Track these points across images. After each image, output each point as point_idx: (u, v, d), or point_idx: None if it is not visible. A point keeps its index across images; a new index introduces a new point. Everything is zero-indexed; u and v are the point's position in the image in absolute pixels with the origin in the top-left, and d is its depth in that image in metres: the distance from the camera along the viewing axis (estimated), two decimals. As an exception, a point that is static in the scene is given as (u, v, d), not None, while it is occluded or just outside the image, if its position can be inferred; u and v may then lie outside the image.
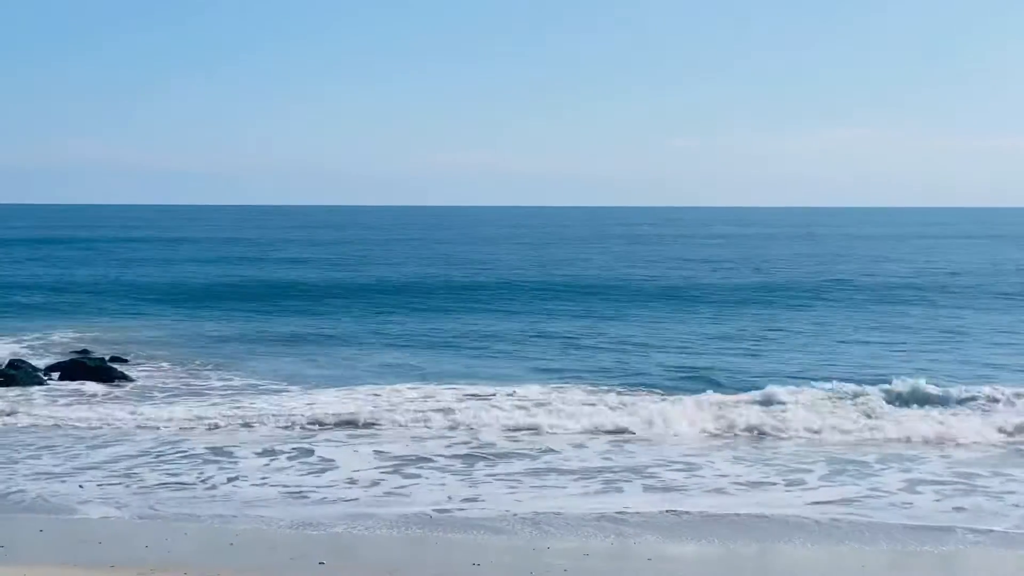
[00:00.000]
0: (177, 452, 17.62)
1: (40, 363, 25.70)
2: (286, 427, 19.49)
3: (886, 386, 21.91)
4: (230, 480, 15.93)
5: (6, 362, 24.84)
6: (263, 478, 16.07)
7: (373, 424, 19.81)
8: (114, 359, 26.45)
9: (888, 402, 21.08)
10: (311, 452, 17.75)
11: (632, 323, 35.47)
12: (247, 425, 19.68)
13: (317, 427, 19.55)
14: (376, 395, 22.47)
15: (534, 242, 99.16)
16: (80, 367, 24.77)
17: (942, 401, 21.17)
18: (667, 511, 14.28)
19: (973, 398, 21.30)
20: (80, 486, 15.42)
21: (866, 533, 13.43)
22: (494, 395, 22.27)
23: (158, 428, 19.38)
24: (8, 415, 20.39)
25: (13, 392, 22.66)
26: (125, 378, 24.39)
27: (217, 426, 19.59)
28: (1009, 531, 13.58)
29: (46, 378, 24.23)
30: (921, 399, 21.25)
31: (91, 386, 23.51)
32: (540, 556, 12.42)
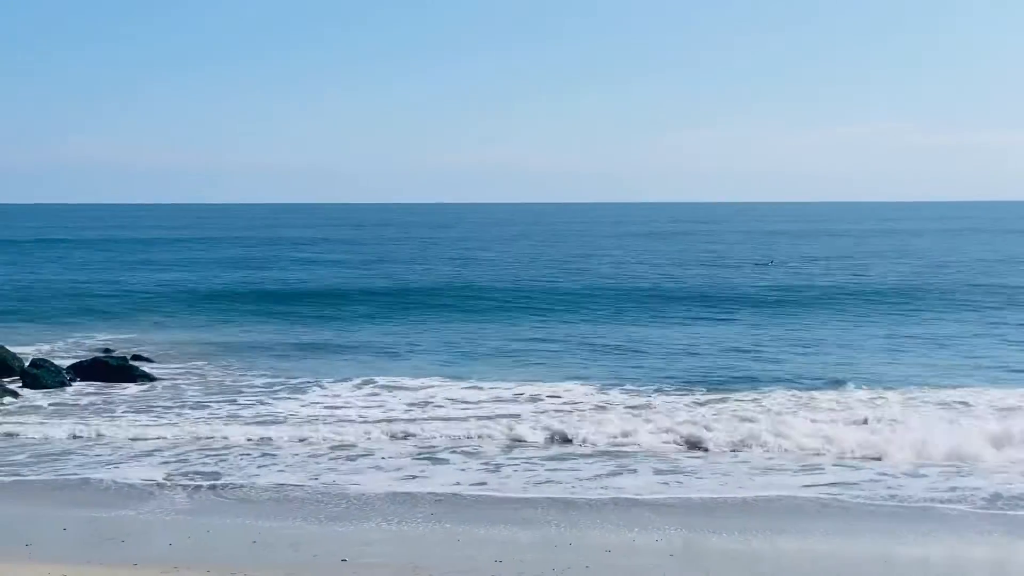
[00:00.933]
0: (206, 451, 17.69)
1: (60, 362, 25.71)
2: (315, 432, 19.02)
3: None
4: (255, 476, 15.99)
5: (28, 362, 24.89)
6: (284, 475, 16.12)
7: (412, 423, 19.63)
8: (136, 358, 26.55)
9: None
10: (342, 448, 17.89)
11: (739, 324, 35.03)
12: (277, 424, 19.67)
13: (347, 427, 19.39)
14: (412, 392, 22.73)
15: (549, 240, 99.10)
16: (102, 366, 24.83)
17: None
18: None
19: None
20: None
21: None
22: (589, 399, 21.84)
23: (185, 427, 19.37)
24: (38, 415, 20.47)
25: (40, 394, 22.76)
26: (147, 377, 24.46)
27: (246, 425, 19.54)
28: None
29: (68, 377, 24.30)
30: None
31: (116, 385, 23.61)
32: (562, 553, 12.45)
